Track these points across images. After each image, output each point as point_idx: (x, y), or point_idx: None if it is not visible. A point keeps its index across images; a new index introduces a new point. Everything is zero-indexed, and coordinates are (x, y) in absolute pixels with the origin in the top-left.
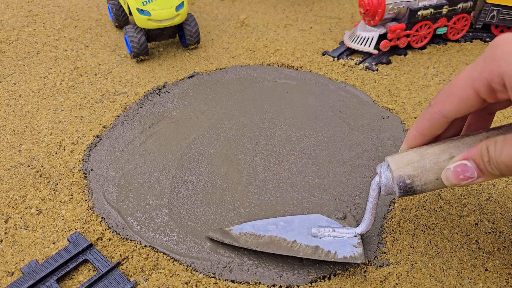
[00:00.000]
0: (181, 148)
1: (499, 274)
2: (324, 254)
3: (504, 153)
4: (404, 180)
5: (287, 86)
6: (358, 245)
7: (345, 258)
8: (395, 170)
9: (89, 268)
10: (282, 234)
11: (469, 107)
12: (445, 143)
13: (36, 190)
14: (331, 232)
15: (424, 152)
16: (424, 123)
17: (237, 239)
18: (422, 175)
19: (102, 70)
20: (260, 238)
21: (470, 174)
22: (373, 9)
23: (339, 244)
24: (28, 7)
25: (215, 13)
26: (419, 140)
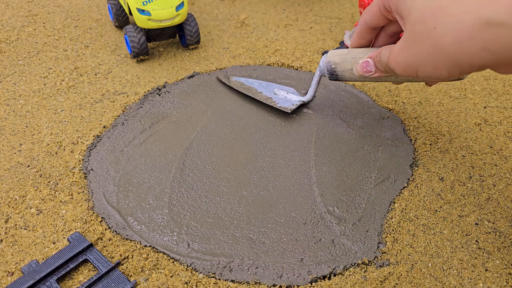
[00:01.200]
0: (181, 148)
1: (499, 274)
2: (270, 102)
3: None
4: (331, 65)
5: (287, 86)
6: (295, 105)
7: (280, 107)
8: (328, 56)
9: (89, 268)
10: (257, 87)
11: (378, 19)
12: (367, 49)
13: (36, 190)
14: (285, 94)
15: (351, 50)
16: (358, 29)
17: (231, 82)
18: (342, 63)
19: (102, 70)
20: (244, 85)
21: (370, 69)
22: None
23: (285, 101)
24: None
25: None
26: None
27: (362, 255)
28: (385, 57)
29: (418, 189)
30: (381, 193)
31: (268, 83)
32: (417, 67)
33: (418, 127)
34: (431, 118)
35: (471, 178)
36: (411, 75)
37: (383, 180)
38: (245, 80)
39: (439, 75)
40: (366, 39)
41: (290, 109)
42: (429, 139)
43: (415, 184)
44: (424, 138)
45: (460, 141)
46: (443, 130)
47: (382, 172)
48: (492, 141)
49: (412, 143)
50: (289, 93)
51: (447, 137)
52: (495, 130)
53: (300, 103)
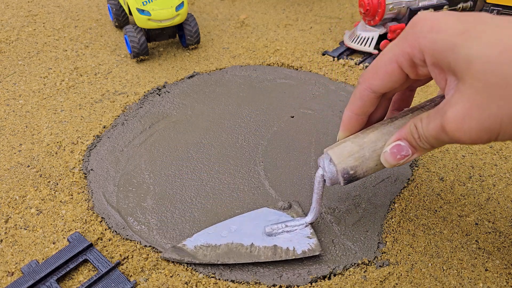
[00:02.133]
0: (181, 148)
1: (499, 274)
2: (284, 253)
3: (431, 127)
4: (348, 172)
5: (287, 86)
6: (312, 235)
7: (304, 252)
8: (338, 163)
9: (89, 268)
10: (237, 240)
11: (394, 82)
12: (378, 130)
13: (36, 190)
14: (284, 227)
15: (361, 141)
16: (356, 102)
17: (195, 254)
18: (363, 164)
19: (102, 70)
20: (218, 248)
21: (406, 152)
22: (373, 9)
23: (294, 238)
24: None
25: (215, 13)
26: (354, 120)
27: (362, 255)
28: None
29: (418, 189)
30: (381, 193)
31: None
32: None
33: None
34: None
35: (471, 178)
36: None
37: (383, 180)
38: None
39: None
40: (367, 114)
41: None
42: None
43: (415, 184)
44: None
45: None
46: None
47: (382, 172)
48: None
49: None
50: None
51: None
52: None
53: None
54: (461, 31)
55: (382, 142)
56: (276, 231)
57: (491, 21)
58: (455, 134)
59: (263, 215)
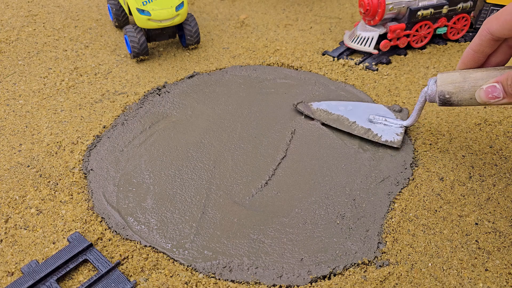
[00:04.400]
0: (181, 148)
1: (499, 274)
2: (372, 136)
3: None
4: (444, 95)
5: (287, 86)
6: (400, 134)
7: (386, 141)
8: (440, 85)
9: (89, 268)
10: (347, 115)
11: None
12: (486, 72)
13: (36, 190)
14: (383, 121)
15: (467, 75)
16: (475, 40)
17: (314, 112)
18: (459, 93)
19: (102, 70)
20: (330, 115)
21: (497, 94)
22: (373, 9)
23: (387, 130)
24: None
25: (215, 13)
26: (470, 56)
27: (362, 255)
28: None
29: (418, 189)
30: (381, 193)
31: (355, 105)
32: None
33: (418, 127)
34: (431, 118)
35: (471, 178)
36: None
37: (383, 180)
38: (328, 106)
39: None
40: (484, 54)
41: (397, 144)
42: (429, 139)
43: (415, 184)
44: (424, 138)
45: (460, 141)
46: (443, 130)
47: (382, 172)
48: (492, 141)
49: (412, 143)
50: (387, 119)
51: (447, 137)
52: (495, 130)
53: (403, 129)
54: None
55: (483, 82)
56: (376, 120)
57: None
58: None
59: (376, 108)
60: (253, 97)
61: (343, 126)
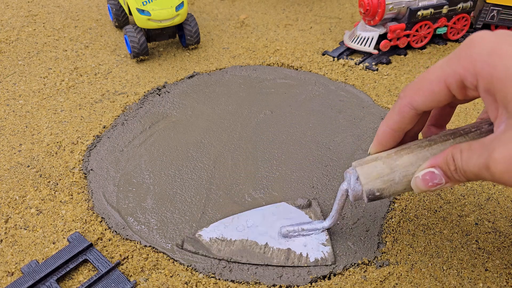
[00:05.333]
0: (181, 148)
1: (499, 274)
2: (297, 259)
3: (472, 163)
4: (374, 193)
5: (287, 86)
6: (327, 243)
7: (316, 261)
8: (365, 184)
9: (89, 268)
10: (252, 237)
11: (438, 101)
12: (413, 154)
13: (36, 190)
14: (300, 231)
15: (394, 164)
16: (394, 117)
17: (209, 248)
18: (391, 187)
19: (102, 70)
20: (232, 244)
21: (438, 181)
22: (373, 9)
23: (309, 243)
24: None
25: (215, 13)
26: (389, 136)
27: (362, 255)
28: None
29: None
30: None
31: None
32: None
33: None
34: None
35: None
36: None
37: None
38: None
39: None
40: (404, 131)
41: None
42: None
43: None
44: None
45: None
46: None
47: None
48: None
49: None
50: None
51: None
52: None
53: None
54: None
55: (415, 168)
56: (292, 233)
57: None
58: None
59: (281, 211)
60: (253, 97)
61: (256, 258)
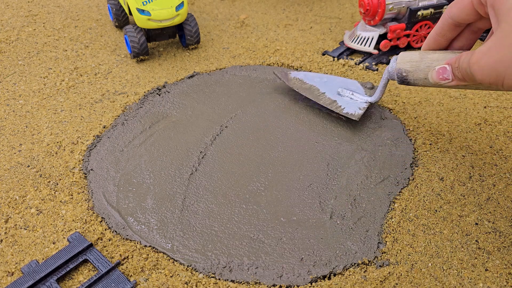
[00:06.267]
0: (181, 148)
1: (499, 274)
2: (335, 107)
3: (465, 60)
4: (401, 72)
5: (287, 86)
6: (363, 109)
7: (347, 113)
8: (398, 63)
9: (89, 268)
10: (319, 86)
11: (466, 14)
12: (443, 53)
13: (36, 190)
14: (350, 95)
15: (425, 55)
16: (438, 24)
17: (290, 80)
18: (415, 72)
19: (102, 70)
20: (304, 84)
21: (447, 76)
22: (373, 9)
23: (351, 104)
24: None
25: (215, 13)
26: (433, 40)
27: (362, 255)
28: (465, 62)
29: (418, 189)
30: (381, 193)
31: (330, 78)
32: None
33: (418, 127)
34: (431, 118)
35: (471, 178)
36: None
37: (383, 180)
38: (304, 76)
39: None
40: (446, 37)
41: (357, 117)
42: (429, 139)
43: (415, 184)
44: (424, 138)
45: (460, 141)
46: (443, 130)
47: (382, 172)
48: (492, 141)
49: (412, 143)
50: (354, 93)
51: (447, 137)
52: (495, 130)
53: (367, 105)
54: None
55: (438, 63)
56: (344, 93)
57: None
58: (473, 66)
59: (350, 83)
60: (253, 97)
61: (312, 96)
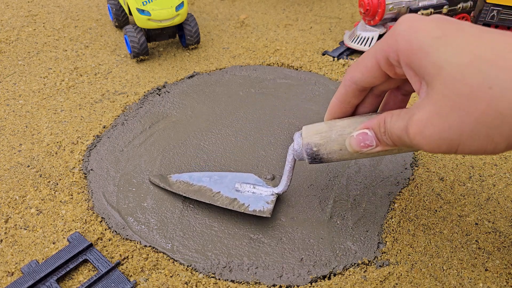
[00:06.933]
0: (181, 148)
1: (499, 274)
2: (238, 206)
3: (396, 125)
4: (311, 148)
5: (287, 86)
6: (271, 202)
7: (254, 211)
8: (305, 137)
9: (89, 268)
10: (210, 185)
11: (373, 77)
12: (354, 118)
13: (36, 190)
14: (251, 189)
15: (333, 124)
16: (340, 90)
17: (171, 185)
18: (327, 144)
19: (102, 70)
20: (191, 186)
21: (370, 142)
22: (373, 9)
23: (255, 199)
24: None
25: (215, 13)
26: (337, 108)
27: (362, 255)
28: (398, 128)
29: (418, 189)
30: (381, 193)
31: (221, 175)
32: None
33: None
34: None
35: (471, 178)
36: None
37: (383, 180)
38: (189, 177)
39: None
40: (351, 104)
41: (268, 213)
42: None
43: (415, 184)
44: None
45: None
46: None
47: (382, 172)
48: None
49: None
50: (255, 186)
51: None
52: None
53: (275, 197)
54: (437, 36)
55: (351, 129)
56: (244, 189)
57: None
58: (415, 137)
59: (246, 177)
60: (253, 97)
61: (205, 198)
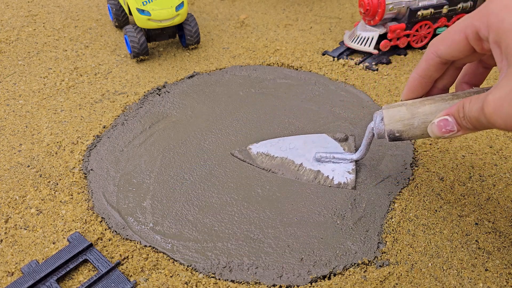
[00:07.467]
0: (181, 148)
1: (499, 274)
2: (323, 180)
3: (474, 108)
4: (394, 133)
5: (287, 86)
6: (352, 172)
7: (339, 184)
8: (387, 124)
9: (89, 268)
10: (291, 156)
11: (458, 51)
12: (435, 104)
13: (36, 190)
14: (331, 158)
15: (415, 111)
16: (421, 64)
17: (255, 159)
18: (409, 131)
19: (102, 70)
20: (273, 159)
21: (451, 128)
22: (373, 9)
23: (337, 169)
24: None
25: (215, 13)
26: (417, 82)
27: (362, 255)
28: (475, 111)
29: (418, 189)
30: (381, 193)
31: (296, 141)
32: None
33: None
34: None
35: (471, 178)
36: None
37: (383, 180)
38: (268, 148)
39: None
40: (432, 78)
41: (352, 184)
42: (429, 139)
43: (415, 184)
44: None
45: (460, 141)
46: None
47: (382, 172)
48: (492, 141)
49: (412, 142)
50: (334, 155)
51: None
52: (495, 130)
53: (354, 165)
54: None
55: (433, 117)
56: (324, 159)
57: None
58: (492, 116)
59: (320, 140)
60: (253, 97)
61: (290, 173)
